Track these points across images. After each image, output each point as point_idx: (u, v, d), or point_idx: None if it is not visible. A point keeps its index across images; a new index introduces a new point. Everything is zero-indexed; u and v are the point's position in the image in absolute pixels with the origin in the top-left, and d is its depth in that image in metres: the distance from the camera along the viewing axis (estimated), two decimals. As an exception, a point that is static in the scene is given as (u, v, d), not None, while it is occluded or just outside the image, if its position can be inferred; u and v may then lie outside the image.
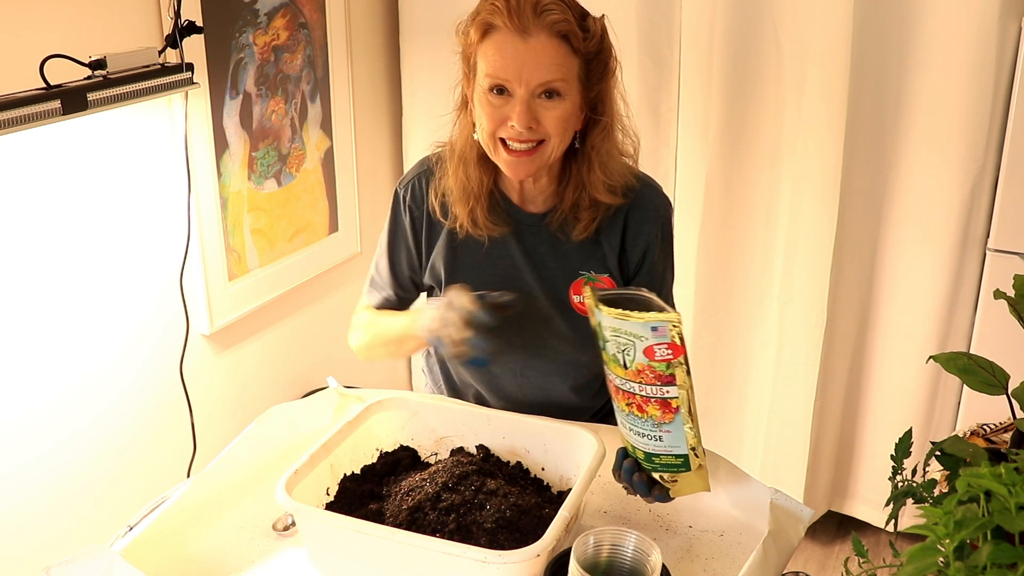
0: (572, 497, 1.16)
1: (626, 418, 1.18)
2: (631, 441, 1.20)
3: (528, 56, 1.28)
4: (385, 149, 2.74)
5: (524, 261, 1.46)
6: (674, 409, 1.14)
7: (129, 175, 1.88)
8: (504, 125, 1.32)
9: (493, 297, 1.34)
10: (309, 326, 2.51)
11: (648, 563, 1.07)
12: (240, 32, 2.06)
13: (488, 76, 1.31)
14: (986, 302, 2.24)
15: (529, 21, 1.27)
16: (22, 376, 1.72)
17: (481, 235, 1.45)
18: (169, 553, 1.23)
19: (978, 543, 0.83)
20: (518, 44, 1.28)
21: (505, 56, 1.29)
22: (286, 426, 1.47)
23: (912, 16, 2.12)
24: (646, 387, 1.14)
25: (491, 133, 1.34)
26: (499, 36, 1.30)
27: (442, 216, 1.47)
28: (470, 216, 1.44)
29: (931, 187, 2.21)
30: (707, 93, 2.32)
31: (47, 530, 1.79)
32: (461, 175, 1.42)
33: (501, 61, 1.29)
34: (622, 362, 1.14)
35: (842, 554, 2.55)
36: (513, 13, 1.27)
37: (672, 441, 1.16)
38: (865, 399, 2.48)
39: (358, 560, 1.17)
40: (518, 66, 1.29)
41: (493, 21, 1.29)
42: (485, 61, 1.31)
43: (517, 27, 1.28)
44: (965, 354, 1.18)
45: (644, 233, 1.45)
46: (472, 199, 1.43)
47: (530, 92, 1.30)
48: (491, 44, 1.31)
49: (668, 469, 1.19)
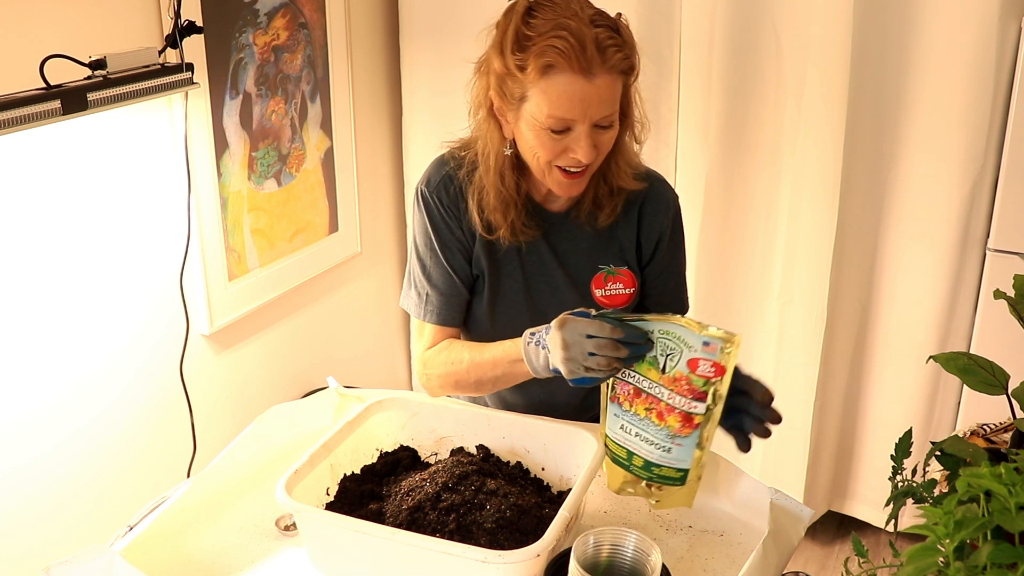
0: (572, 497, 1.16)
1: (638, 423, 1.18)
2: (631, 447, 1.19)
3: (593, 95, 1.28)
4: (385, 149, 2.74)
5: (552, 258, 1.47)
6: (695, 425, 1.14)
7: (129, 175, 1.87)
8: (563, 156, 1.33)
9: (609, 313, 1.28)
10: (309, 326, 2.51)
11: (648, 563, 1.07)
12: (240, 32, 2.06)
13: (551, 116, 1.29)
14: (986, 302, 2.24)
15: (594, 63, 1.26)
16: (22, 376, 1.72)
17: (518, 241, 1.46)
18: (169, 553, 1.23)
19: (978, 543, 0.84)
20: (584, 85, 1.27)
21: (572, 99, 1.28)
22: (286, 426, 1.47)
23: (912, 16, 2.12)
24: (675, 396, 1.14)
25: (546, 163, 1.35)
26: (563, 78, 1.27)
27: (483, 229, 1.45)
28: (510, 225, 1.43)
29: (931, 187, 2.21)
30: (707, 93, 2.32)
31: (47, 530, 1.79)
32: (499, 186, 1.41)
33: (568, 103, 1.28)
34: (661, 365, 1.15)
35: (842, 554, 2.55)
36: (578, 56, 1.26)
37: (680, 455, 1.16)
38: (865, 399, 2.48)
39: (358, 560, 1.17)
40: (584, 106, 1.29)
41: (557, 61, 1.27)
42: (547, 100, 1.29)
43: (581, 69, 1.26)
44: (965, 354, 1.18)
45: (657, 225, 1.49)
46: (512, 208, 1.42)
47: (591, 125, 1.31)
48: (554, 85, 1.28)
49: (663, 481, 1.18)
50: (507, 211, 1.42)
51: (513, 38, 1.30)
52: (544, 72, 1.28)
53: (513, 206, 1.42)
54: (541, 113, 1.30)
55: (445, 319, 1.50)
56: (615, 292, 1.47)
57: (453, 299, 1.49)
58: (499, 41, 1.33)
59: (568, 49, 1.25)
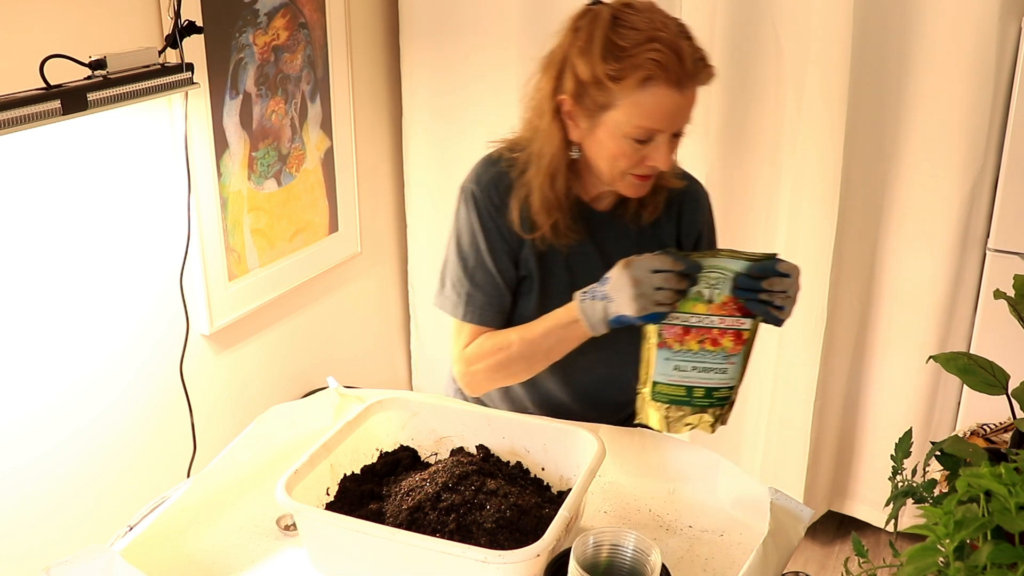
0: (572, 497, 1.16)
1: (693, 357, 1.28)
2: (691, 381, 1.29)
3: (683, 107, 1.31)
4: (385, 149, 2.74)
5: (597, 258, 1.48)
6: (743, 340, 1.29)
7: (129, 175, 1.87)
8: (641, 164, 1.35)
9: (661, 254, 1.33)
10: (309, 326, 2.51)
11: (648, 563, 1.07)
12: (240, 32, 2.06)
13: (639, 127, 1.31)
14: (986, 302, 2.24)
15: (689, 77, 1.29)
16: (22, 376, 1.72)
17: (561, 244, 1.45)
18: (169, 553, 1.23)
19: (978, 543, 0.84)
20: (676, 97, 1.29)
21: (664, 111, 1.30)
22: (286, 426, 1.47)
23: (912, 16, 2.12)
24: (726, 319, 1.27)
25: (623, 169, 1.36)
26: (659, 89, 1.28)
27: (521, 228, 1.44)
28: (553, 228, 1.43)
29: (931, 187, 2.21)
30: (707, 93, 2.31)
31: (47, 530, 1.79)
32: (547, 188, 1.41)
33: (660, 115, 1.30)
34: (707, 297, 1.27)
35: (842, 554, 2.55)
36: (676, 69, 1.27)
37: (733, 373, 1.30)
38: (865, 399, 2.48)
39: (358, 560, 1.17)
40: (672, 118, 1.31)
41: (658, 73, 1.27)
42: (638, 111, 1.30)
43: (677, 81, 1.28)
44: (965, 354, 1.18)
45: (696, 222, 1.54)
46: (556, 210, 1.42)
47: (672, 135, 1.34)
48: (649, 96, 1.29)
49: (717, 404, 1.30)
50: (551, 212, 1.42)
51: (604, 46, 1.30)
52: (642, 84, 1.28)
53: (558, 208, 1.43)
54: (629, 123, 1.31)
55: (486, 319, 1.48)
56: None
57: (495, 299, 1.48)
58: (585, 47, 1.32)
59: (667, 62, 1.27)
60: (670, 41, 1.27)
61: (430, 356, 2.92)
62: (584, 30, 1.32)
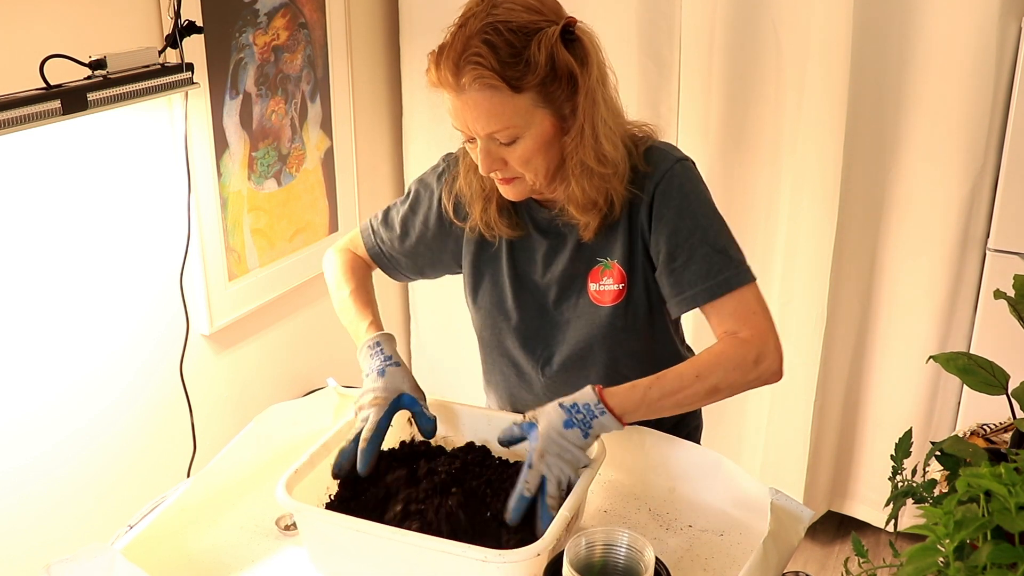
0: (572, 497, 1.16)
1: None
2: None
3: (467, 110, 1.26)
4: (385, 149, 2.74)
5: (543, 255, 1.44)
6: None
7: (129, 175, 1.88)
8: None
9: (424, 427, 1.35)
10: (309, 326, 2.51)
11: (642, 561, 1.07)
12: (240, 32, 2.06)
13: (456, 127, 1.31)
14: (986, 302, 2.24)
15: (455, 78, 1.24)
16: (22, 376, 1.72)
17: (494, 236, 1.45)
18: (169, 552, 1.23)
19: (978, 543, 0.84)
20: (456, 99, 1.26)
21: (454, 109, 1.28)
22: (286, 426, 1.47)
23: (912, 16, 2.12)
24: None
25: (485, 171, 1.35)
26: (443, 90, 1.28)
27: (455, 216, 1.46)
28: (483, 218, 1.43)
29: (931, 187, 2.21)
30: (707, 93, 2.32)
31: (47, 530, 1.79)
32: (472, 179, 1.42)
33: (454, 114, 1.29)
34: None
35: (842, 554, 2.55)
36: (442, 70, 1.25)
37: None
38: (865, 399, 2.48)
39: (358, 560, 1.17)
40: (464, 119, 1.28)
41: (432, 80, 1.27)
42: (449, 112, 1.30)
43: (449, 84, 1.25)
44: (965, 354, 1.18)
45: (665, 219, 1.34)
46: (484, 201, 1.42)
47: (486, 139, 1.29)
48: (445, 99, 1.29)
49: None
50: (480, 201, 1.42)
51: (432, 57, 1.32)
52: (435, 88, 1.29)
53: (485, 198, 1.42)
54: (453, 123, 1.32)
55: (372, 249, 1.56)
56: (606, 288, 1.44)
57: (387, 241, 1.54)
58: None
59: (433, 65, 1.26)
60: (448, 44, 1.25)
61: (430, 356, 2.92)
62: None
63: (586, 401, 1.22)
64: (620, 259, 1.39)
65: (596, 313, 1.41)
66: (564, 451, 1.19)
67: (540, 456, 1.19)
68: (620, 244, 1.38)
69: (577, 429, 1.20)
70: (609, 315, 1.40)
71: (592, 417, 1.21)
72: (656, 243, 1.35)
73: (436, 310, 2.84)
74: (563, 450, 1.19)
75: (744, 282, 1.33)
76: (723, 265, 1.33)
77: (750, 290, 1.33)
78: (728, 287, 1.32)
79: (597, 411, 1.21)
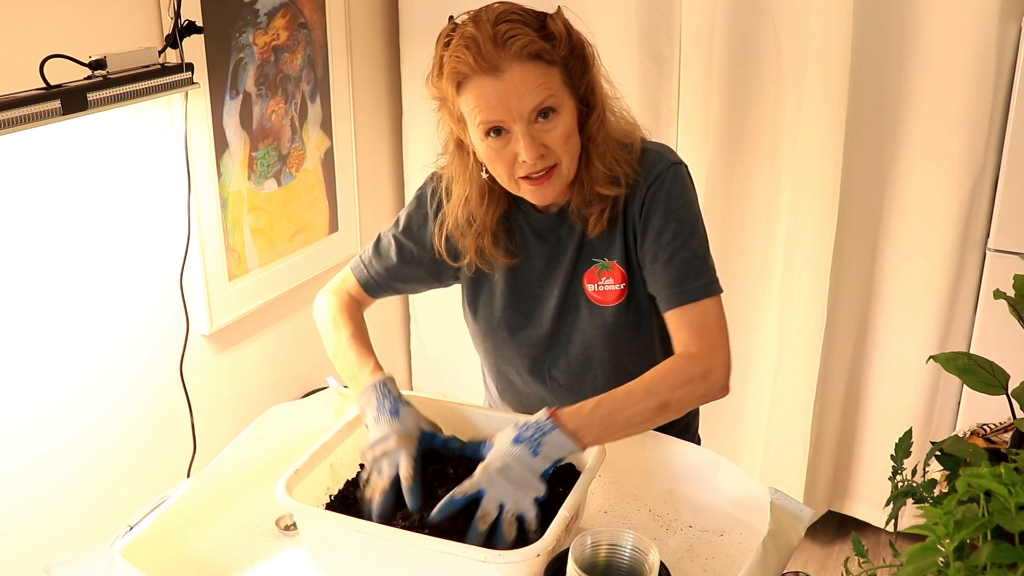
0: (572, 497, 1.16)
1: None
2: None
3: (510, 91, 1.25)
4: (385, 149, 2.74)
5: (543, 262, 1.44)
6: None
7: (129, 175, 1.88)
8: (516, 163, 1.30)
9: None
10: (309, 326, 2.49)
11: (646, 562, 1.07)
12: (240, 32, 2.06)
13: (483, 124, 1.28)
14: (986, 302, 2.24)
15: (496, 58, 1.23)
16: (22, 376, 1.72)
17: (489, 269, 1.45)
18: (169, 553, 1.23)
19: (978, 543, 0.84)
20: (496, 84, 1.25)
21: (489, 100, 1.26)
22: (286, 426, 1.47)
23: (912, 16, 2.12)
24: None
25: (508, 176, 1.32)
26: (474, 83, 1.26)
27: (449, 258, 1.46)
28: (479, 257, 1.43)
29: (931, 187, 2.21)
30: (707, 93, 2.32)
31: (47, 530, 1.79)
32: (463, 215, 1.41)
33: (488, 106, 1.26)
34: None
35: (842, 554, 2.55)
36: (478, 56, 1.23)
37: None
38: (865, 399, 2.48)
39: (358, 560, 1.17)
40: (505, 105, 1.25)
41: (462, 70, 1.25)
42: (473, 111, 1.28)
43: (487, 68, 1.24)
44: (965, 354, 1.18)
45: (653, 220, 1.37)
46: (477, 236, 1.41)
47: (527, 122, 1.27)
48: (470, 93, 1.27)
49: None
50: (473, 236, 1.41)
51: (436, 64, 1.31)
52: (459, 87, 1.27)
53: (477, 233, 1.41)
54: (474, 124, 1.29)
55: (367, 282, 1.55)
56: (607, 288, 1.45)
57: (381, 272, 1.53)
58: (431, 71, 1.33)
59: (467, 55, 1.24)
60: (471, 34, 1.24)
61: (430, 356, 2.92)
62: (435, 54, 1.33)
63: (537, 418, 1.22)
64: (620, 259, 1.40)
65: (598, 314, 1.41)
66: (507, 468, 1.18)
67: (483, 468, 1.19)
68: (619, 244, 1.39)
69: (525, 445, 1.19)
70: (612, 315, 1.41)
71: (542, 434, 1.20)
72: (642, 243, 1.37)
73: (436, 310, 2.85)
74: (506, 467, 1.18)
75: (711, 293, 1.35)
76: (698, 272, 1.35)
77: (714, 303, 1.35)
78: (694, 296, 1.34)
79: (547, 427, 1.20)
